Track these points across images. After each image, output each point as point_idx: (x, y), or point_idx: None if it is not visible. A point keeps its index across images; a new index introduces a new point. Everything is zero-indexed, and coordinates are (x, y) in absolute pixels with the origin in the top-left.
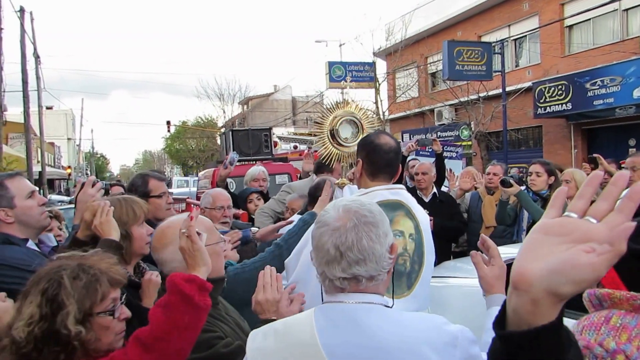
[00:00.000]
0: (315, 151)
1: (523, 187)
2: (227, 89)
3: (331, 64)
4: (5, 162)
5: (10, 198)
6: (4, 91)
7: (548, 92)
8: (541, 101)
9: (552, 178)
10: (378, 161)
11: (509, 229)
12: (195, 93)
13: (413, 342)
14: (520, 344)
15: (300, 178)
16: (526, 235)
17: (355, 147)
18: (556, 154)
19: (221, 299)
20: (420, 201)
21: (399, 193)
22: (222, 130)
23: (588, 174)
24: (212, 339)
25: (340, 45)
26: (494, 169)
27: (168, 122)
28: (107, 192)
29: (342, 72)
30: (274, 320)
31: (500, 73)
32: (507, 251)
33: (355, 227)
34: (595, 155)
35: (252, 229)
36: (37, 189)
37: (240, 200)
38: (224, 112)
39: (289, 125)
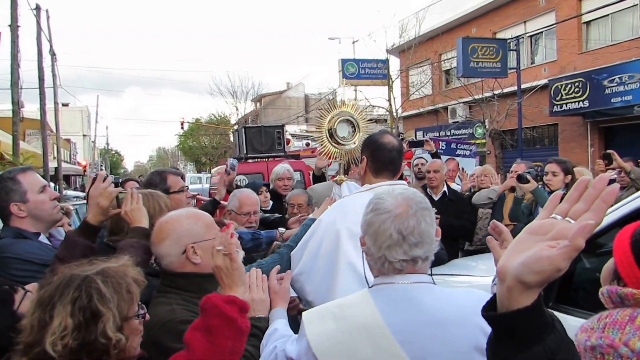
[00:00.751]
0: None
1: (540, 184)
2: (240, 86)
3: (344, 61)
4: (22, 158)
5: (23, 192)
6: (21, 88)
7: (564, 89)
8: (557, 99)
9: (569, 177)
10: (382, 159)
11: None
12: (209, 90)
13: (466, 314)
14: (500, 324)
15: (314, 175)
16: None
17: (352, 145)
18: (572, 152)
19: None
20: (429, 199)
21: (402, 189)
22: (235, 127)
23: (602, 171)
24: None
25: (354, 43)
26: (518, 167)
27: (182, 121)
28: (116, 187)
29: (355, 70)
30: (262, 318)
31: (515, 70)
32: None
33: (415, 213)
34: (609, 151)
35: (280, 229)
36: (48, 183)
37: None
38: (237, 109)
39: (301, 122)
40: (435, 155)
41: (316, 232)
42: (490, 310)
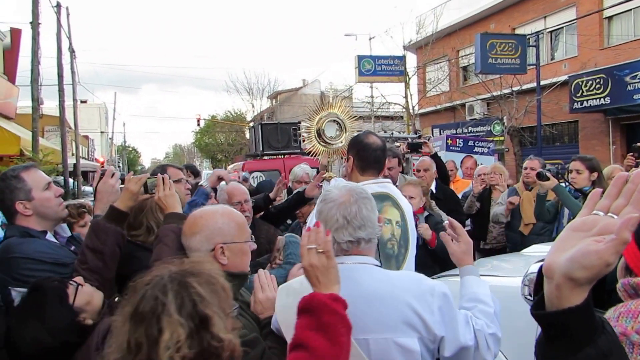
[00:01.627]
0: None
1: (561, 182)
2: (256, 83)
3: (360, 58)
4: (41, 154)
5: (27, 190)
6: (41, 85)
7: (585, 85)
8: (578, 95)
9: (595, 174)
10: (367, 158)
11: (548, 226)
12: (225, 87)
13: (398, 291)
14: (551, 323)
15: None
16: None
17: (340, 144)
18: (593, 150)
19: (242, 292)
20: None
21: (386, 186)
22: (251, 124)
23: (633, 165)
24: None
25: (370, 39)
26: (531, 164)
27: (198, 118)
28: (122, 182)
29: (372, 66)
30: (270, 317)
31: (534, 66)
32: (547, 249)
33: (356, 201)
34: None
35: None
36: (52, 180)
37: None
38: (253, 106)
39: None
40: (435, 156)
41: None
42: (539, 309)
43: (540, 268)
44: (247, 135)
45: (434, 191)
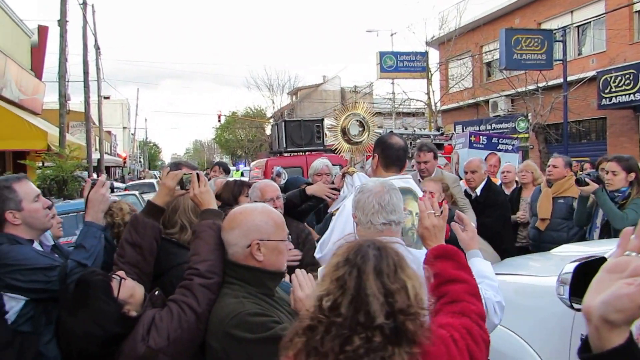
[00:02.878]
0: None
1: (600, 186)
2: (276, 79)
3: (382, 54)
4: (68, 150)
5: (18, 201)
6: (68, 81)
7: (614, 81)
8: (606, 91)
9: (633, 175)
10: (390, 156)
11: (565, 222)
12: (245, 83)
13: (418, 261)
14: None
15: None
16: (599, 233)
17: (362, 142)
18: (622, 147)
19: (279, 290)
20: (468, 197)
21: (408, 181)
22: (271, 120)
23: None
24: (269, 322)
25: (392, 35)
26: (554, 162)
27: (219, 114)
28: (112, 190)
29: (394, 62)
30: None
31: (561, 62)
32: (582, 249)
33: (388, 191)
34: None
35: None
36: (41, 192)
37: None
38: (273, 102)
39: (331, 115)
40: None
41: (339, 218)
42: (585, 351)
43: (576, 268)
44: (267, 132)
45: (478, 194)
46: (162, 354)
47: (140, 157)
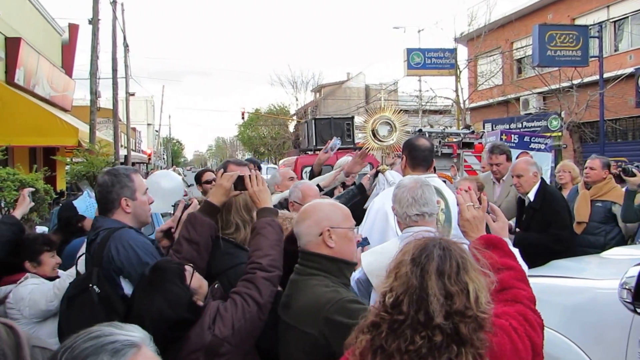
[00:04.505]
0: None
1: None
2: (300, 76)
3: (409, 51)
4: (98, 146)
5: (133, 190)
6: (99, 78)
7: None
8: None
9: None
10: (417, 157)
11: (603, 226)
12: (269, 80)
13: None
14: None
15: (311, 172)
16: None
17: (391, 142)
18: None
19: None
20: (521, 203)
21: (433, 180)
22: (294, 118)
23: None
24: (365, 309)
25: (419, 31)
26: (591, 163)
27: (242, 112)
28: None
29: (421, 59)
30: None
31: (597, 58)
32: (636, 252)
33: (421, 187)
34: None
35: None
36: (71, 187)
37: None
38: (297, 99)
39: (361, 113)
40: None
41: (369, 214)
42: None
43: None
44: (290, 129)
45: (531, 199)
46: (227, 343)
47: (163, 154)
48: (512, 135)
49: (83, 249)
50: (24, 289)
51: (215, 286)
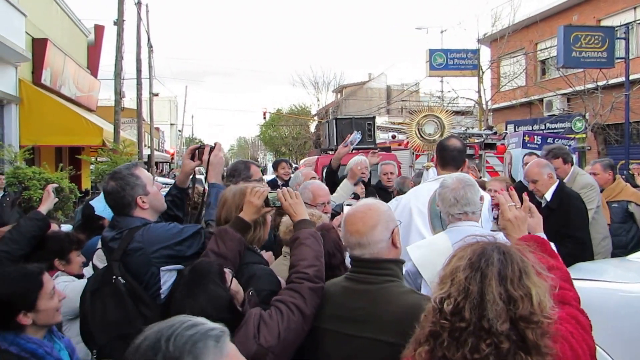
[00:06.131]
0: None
1: None
2: (321, 76)
3: (432, 52)
4: (122, 145)
5: (143, 186)
6: (123, 79)
7: None
8: None
9: None
10: (446, 157)
11: (623, 225)
12: (290, 80)
13: None
14: None
15: (329, 169)
16: None
17: (435, 140)
18: None
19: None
20: (537, 205)
21: None
22: (315, 118)
23: None
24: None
25: (442, 32)
26: (593, 169)
27: (264, 112)
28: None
29: (444, 60)
30: None
31: (623, 60)
32: None
33: (463, 187)
34: None
35: None
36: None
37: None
38: (318, 100)
39: (382, 114)
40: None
41: (397, 209)
42: None
43: None
44: (312, 129)
45: (548, 199)
46: (271, 353)
47: None
48: (535, 137)
49: (99, 244)
50: (58, 286)
51: (250, 293)
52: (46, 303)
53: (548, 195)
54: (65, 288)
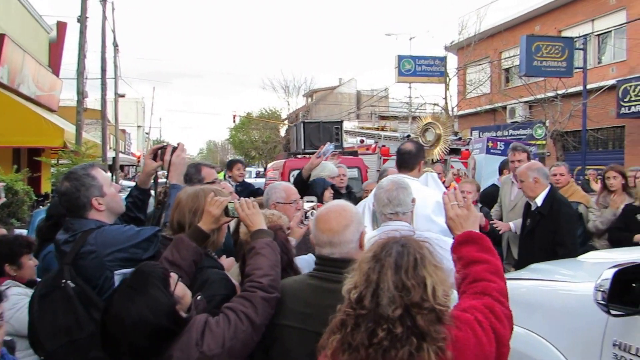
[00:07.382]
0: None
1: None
2: (292, 80)
3: (401, 58)
4: (84, 147)
5: (100, 187)
6: (86, 78)
7: (634, 90)
8: (625, 100)
9: None
10: (398, 160)
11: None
12: (261, 84)
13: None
14: None
15: (299, 177)
16: None
17: (427, 147)
18: None
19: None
20: (528, 209)
21: (412, 180)
22: (286, 122)
23: None
24: None
25: (411, 39)
26: (559, 170)
27: (234, 115)
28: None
29: (412, 66)
30: None
31: (581, 70)
32: (612, 256)
33: (397, 189)
34: None
35: None
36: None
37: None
38: (288, 104)
39: (352, 119)
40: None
41: (360, 207)
42: None
43: (615, 274)
44: (282, 133)
45: (539, 204)
46: None
47: None
48: (498, 143)
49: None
50: (11, 299)
51: (198, 298)
52: None
53: (539, 200)
54: (19, 302)
